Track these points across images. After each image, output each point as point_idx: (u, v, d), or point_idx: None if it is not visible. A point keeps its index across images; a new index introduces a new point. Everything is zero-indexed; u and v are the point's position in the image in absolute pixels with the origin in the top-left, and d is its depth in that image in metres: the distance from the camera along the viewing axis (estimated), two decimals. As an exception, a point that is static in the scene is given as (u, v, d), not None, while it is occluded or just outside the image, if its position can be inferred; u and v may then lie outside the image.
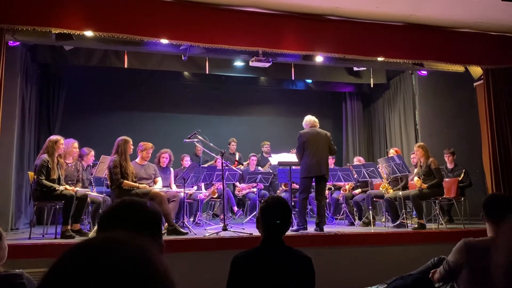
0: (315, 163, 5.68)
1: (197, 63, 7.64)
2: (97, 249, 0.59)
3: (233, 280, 2.18)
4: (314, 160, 5.69)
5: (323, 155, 5.78)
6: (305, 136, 5.84)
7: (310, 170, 5.70)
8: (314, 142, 5.77)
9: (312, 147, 5.74)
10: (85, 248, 0.59)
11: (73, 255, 0.58)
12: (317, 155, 5.71)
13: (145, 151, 5.95)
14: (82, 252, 0.59)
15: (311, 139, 5.79)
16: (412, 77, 8.46)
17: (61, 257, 0.58)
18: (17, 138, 6.33)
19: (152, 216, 1.33)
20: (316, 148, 5.74)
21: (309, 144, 5.76)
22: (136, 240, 0.62)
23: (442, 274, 2.54)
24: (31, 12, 5.02)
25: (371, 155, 9.84)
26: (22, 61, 6.59)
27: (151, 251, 0.61)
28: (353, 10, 5.92)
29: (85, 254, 0.58)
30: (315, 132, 5.89)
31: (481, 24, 6.39)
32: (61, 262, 0.57)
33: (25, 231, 5.90)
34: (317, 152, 5.72)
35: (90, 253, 0.58)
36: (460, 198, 6.47)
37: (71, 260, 0.57)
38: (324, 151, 5.80)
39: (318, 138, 5.83)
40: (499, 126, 6.55)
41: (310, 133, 5.86)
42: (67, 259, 0.58)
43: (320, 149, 5.76)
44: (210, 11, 5.61)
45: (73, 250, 0.59)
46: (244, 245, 3.50)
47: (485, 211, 2.48)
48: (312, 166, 5.68)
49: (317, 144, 5.77)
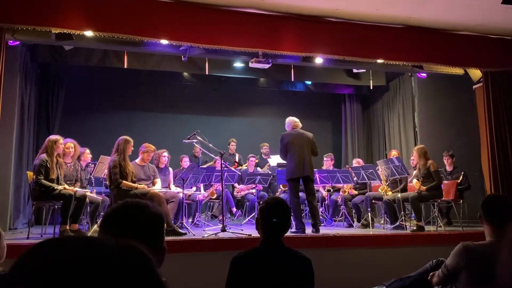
0: (298, 165, 5.66)
1: (196, 63, 7.64)
2: (66, 243, 0.57)
3: (232, 281, 2.17)
4: (297, 161, 5.67)
5: (306, 156, 5.73)
6: (287, 137, 5.82)
7: (294, 172, 5.69)
8: (296, 143, 5.75)
9: (294, 149, 5.72)
10: (50, 244, 0.57)
11: (38, 249, 0.56)
12: (300, 157, 5.68)
13: (147, 153, 5.94)
14: (45, 247, 0.56)
15: (293, 140, 5.77)
16: (412, 79, 8.46)
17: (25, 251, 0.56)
18: (16, 137, 6.32)
19: (155, 219, 1.32)
20: (299, 149, 5.71)
21: (291, 145, 5.74)
22: (129, 245, 0.59)
23: (441, 278, 2.54)
24: (31, 12, 5.02)
25: (370, 157, 9.84)
26: (21, 61, 6.58)
27: (144, 257, 0.58)
28: (353, 12, 5.92)
29: (48, 249, 0.56)
30: (297, 133, 5.87)
31: (481, 27, 6.40)
32: (26, 255, 0.55)
33: (23, 231, 5.89)
34: (300, 153, 5.70)
35: (55, 248, 0.56)
36: (459, 201, 6.47)
37: (36, 254, 0.55)
38: (307, 152, 5.76)
39: (300, 139, 5.81)
40: (498, 129, 6.56)
41: (292, 134, 5.85)
42: (33, 252, 0.55)
43: (303, 150, 5.73)
44: (210, 12, 5.62)
45: (39, 244, 0.56)
46: (242, 246, 3.49)
47: (484, 213, 2.45)
48: (295, 168, 5.67)
49: (300, 145, 5.75)
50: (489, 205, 2.47)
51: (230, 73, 8.29)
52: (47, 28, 5.16)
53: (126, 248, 0.58)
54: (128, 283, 0.53)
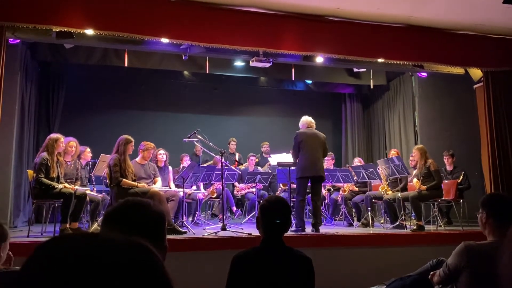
0: (311, 164, 5.67)
1: (197, 62, 7.64)
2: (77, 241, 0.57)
3: (232, 280, 2.17)
4: (310, 160, 5.68)
5: (319, 156, 5.76)
6: (302, 136, 5.83)
7: (305, 171, 5.69)
8: (310, 142, 5.76)
9: (308, 148, 5.72)
10: (61, 240, 0.58)
11: (49, 246, 0.56)
12: (312, 156, 5.70)
13: (147, 151, 5.93)
14: (58, 243, 0.57)
15: (307, 140, 5.78)
16: (412, 79, 8.46)
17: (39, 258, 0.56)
18: (16, 136, 6.32)
19: (157, 217, 1.32)
20: (312, 149, 5.72)
21: (305, 144, 5.75)
22: (134, 241, 0.60)
23: (442, 277, 2.53)
24: (32, 10, 5.01)
25: (371, 156, 9.84)
26: (22, 59, 6.57)
27: (150, 253, 0.59)
28: (354, 11, 5.92)
29: (61, 246, 0.56)
30: (311, 132, 5.88)
31: (482, 27, 6.40)
32: (37, 253, 0.56)
33: (23, 229, 5.89)
34: (312, 152, 5.71)
35: (67, 245, 0.56)
36: (459, 200, 6.48)
37: (47, 251, 0.55)
38: (319, 152, 5.79)
39: (314, 138, 5.82)
40: (499, 129, 6.56)
41: (307, 134, 5.85)
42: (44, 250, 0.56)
43: (315, 150, 5.75)
44: (211, 11, 5.61)
45: (49, 242, 0.57)
46: (242, 245, 3.50)
47: (489, 211, 2.39)
48: (307, 167, 5.68)
49: (313, 145, 5.76)
50: (496, 203, 2.42)
51: (231, 72, 8.28)
52: (48, 26, 5.15)
53: (135, 245, 0.58)
54: (138, 281, 0.54)
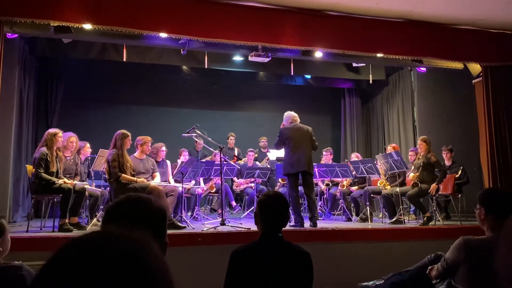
0: (297, 160, 5.64)
1: (196, 57, 7.62)
2: (93, 243, 0.59)
3: (231, 274, 2.18)
4: (296, 156, 5.65)
5: (305, 151, 5.71)
6: (287, 132, 5.79)
7: (292, 167, 5.68)
8: (296, 138, 5.73)
9: (292, 144, 5.70)
10: (82, 243, 0.59)
11: (70, 249, 0.59)
12: (298, 151, 5.66)
13: (145, 145, 5.92)
14: (78, 246, 0.59)
15: (293, 135, 5.75)
16: (411, 73, 8.45)
17: (57, 251, 0.59)
18: (15, 131, 6.31)
19: (158, 213, 1.33)
20: (298, 144, 5.70)
21: (291, 140, 5.72)
22: (133, 236, 0.62)
23: (440, 271, 2.54)
24: (30, 4, 4.98)
25: (369, 151, 9.86)
26: (20, 54, 6.55)
27: (148, 247, 0.61)
28: (353, 5, 5.90)
29: (81, 249, 0.58)
30: (296, 127, 5.85)
31: (481, 21, 6.38)
32: (57, 257, 0.58)
33: (22, 224, 5.90)
34: (299, 148, 5.68)
35: (86, 248, 0.58)
36: (457, 195, 6.50)
37: (67, 255, 0.58)
38: (306, 146, 5.75)
39: (300, 133, 5.79)
40: (497, 124, 6.56)
41: (292, 129, 5.82)
42: (63, 253, 0.58)
43: (302, 144, 5.72)
44: (209, 5, 5.59)
45: (69, 245, 0.59)
46: (242, 240, 3.51)
47: (488, 206, 2.39)
48: (292, 163, 5.66)
49: (299, 140, 5.73)
50: (493, 199, 2.42)
51: (230, 66, 8.26)
52: (46, 21, 5.12)
53: (135, 241, 0.59)
54: (137, 278, 0.55)
